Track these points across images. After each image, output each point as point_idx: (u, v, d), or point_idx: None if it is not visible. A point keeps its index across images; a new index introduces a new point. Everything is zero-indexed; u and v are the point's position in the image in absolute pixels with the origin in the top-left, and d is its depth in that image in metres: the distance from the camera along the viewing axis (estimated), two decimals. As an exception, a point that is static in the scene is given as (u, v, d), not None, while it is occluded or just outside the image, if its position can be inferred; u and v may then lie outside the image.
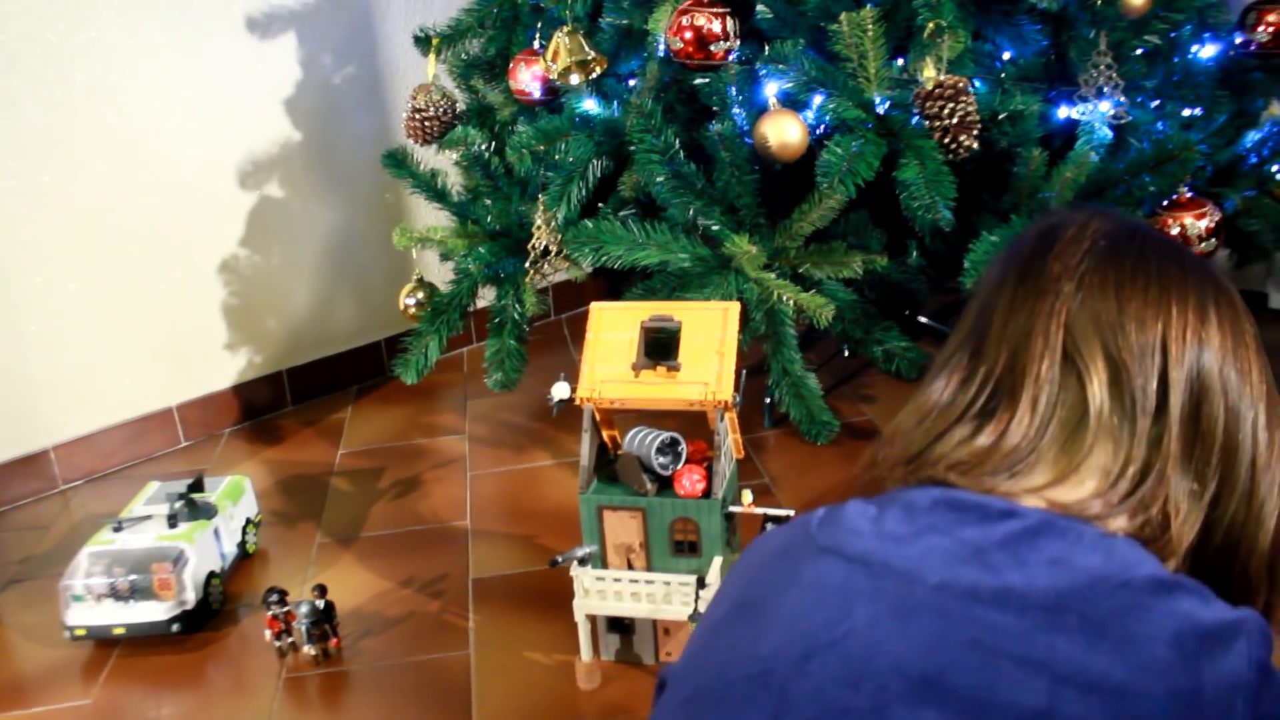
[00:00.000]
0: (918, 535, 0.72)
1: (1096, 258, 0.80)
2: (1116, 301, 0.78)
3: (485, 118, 2.19)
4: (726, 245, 1.80)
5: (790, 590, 0.74)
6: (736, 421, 1.58)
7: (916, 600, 0.69)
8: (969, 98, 1.73)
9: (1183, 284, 0.80)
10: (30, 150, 2.27)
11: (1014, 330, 0.80)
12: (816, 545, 0.75)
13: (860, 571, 0.72)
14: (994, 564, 0.69)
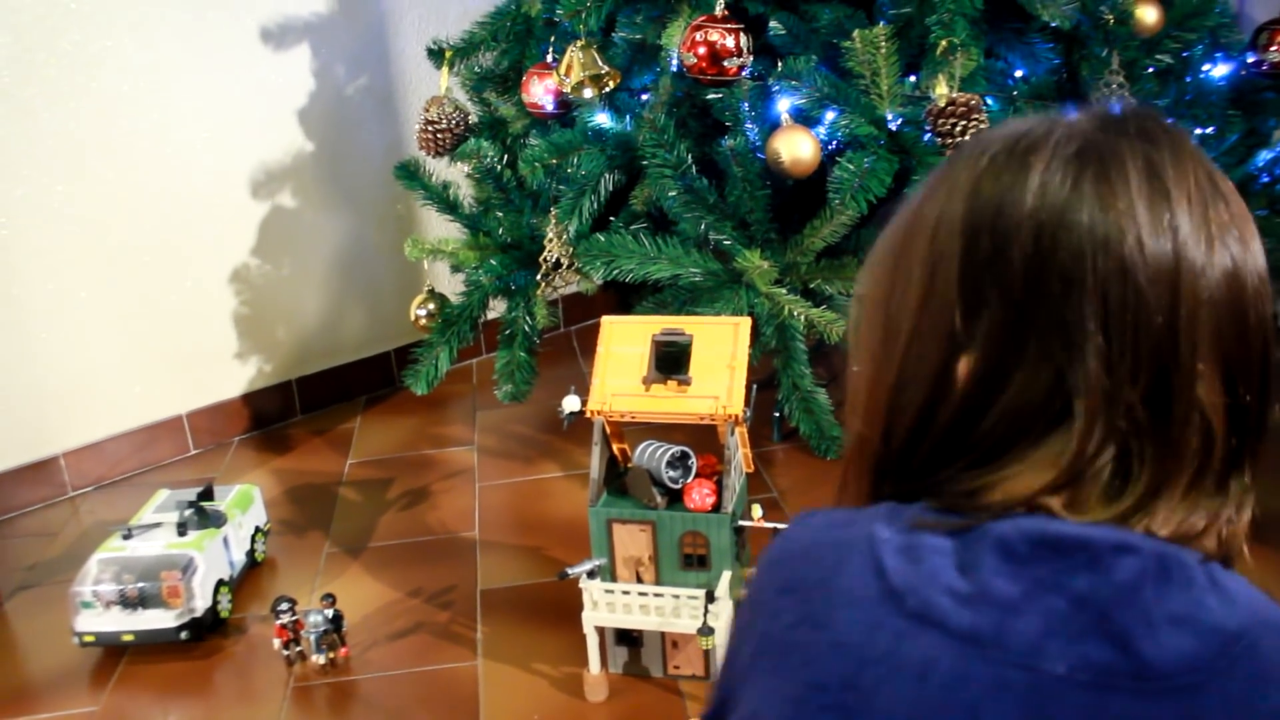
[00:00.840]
0: (1029, 597, 0.57)
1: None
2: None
3: (497, 130, 2.20)
4: (738, 260, 1.81)
5: (892, 679, 0.57)
6: (747, 436, 1.58)
7: (1047, 693, 0.55)
8: (981, 115, 1.74)
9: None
10: (43, 159, 2.28)
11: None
12: (906, 608, 0.58)
13: (974, 656, 0.56)
14: (1120, 629, 0.56)
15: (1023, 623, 0.56)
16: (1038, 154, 0.62)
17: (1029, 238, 0.60)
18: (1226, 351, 0.60)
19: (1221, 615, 0.57)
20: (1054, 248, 0.59)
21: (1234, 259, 0.61)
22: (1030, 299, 0.60)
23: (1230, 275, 0.61)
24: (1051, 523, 0.59)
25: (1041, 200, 0.60)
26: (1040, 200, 0.60)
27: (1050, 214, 0.60)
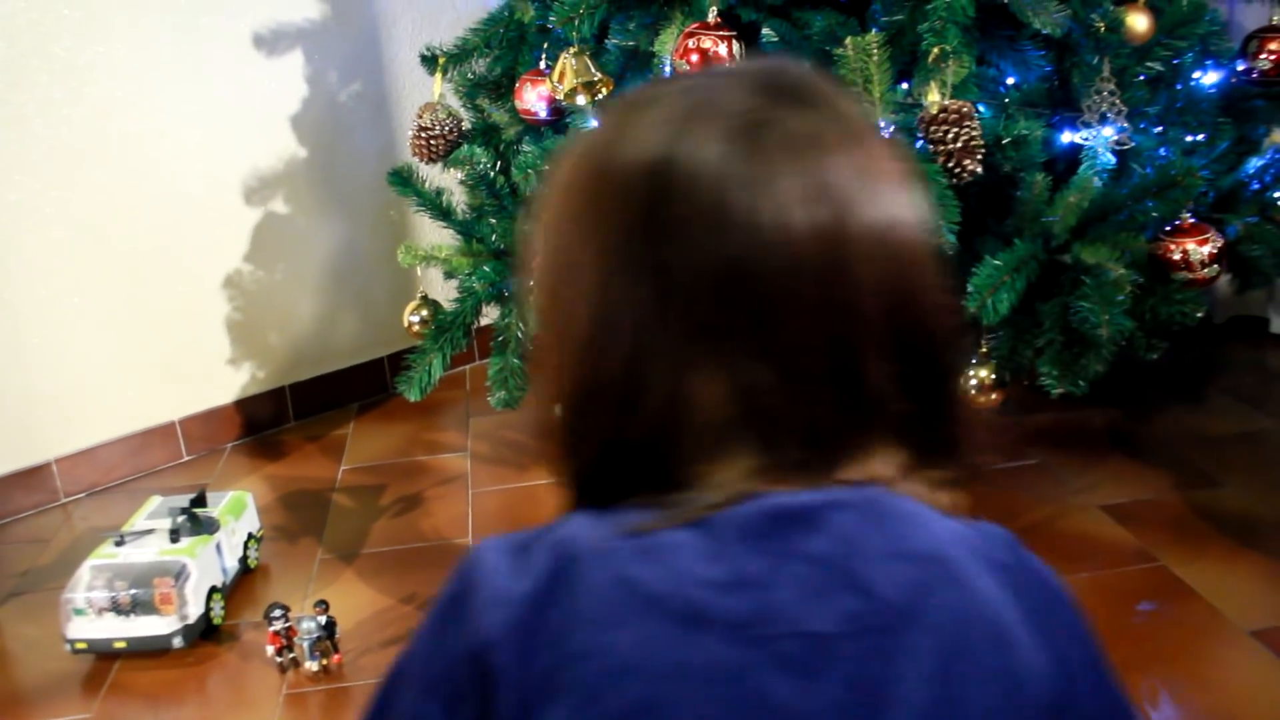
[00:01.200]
0: (777, 570, 0.59)
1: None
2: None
3: (490, 137, 2.20)
4: (731, 266, 1.81)
5: (683, 689, 0.57)
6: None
7: (825, 654, 0.58)
8: (973, 122, 1.74)
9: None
10: (36, 164, 2.28)
11: None
12: (671, 611, 0.58)
13: (748, 640, 0.57)
14: (857, 578, 0.59)
15: (780, 594, 0.58)
16: (698, 123, 0.61)
17: (692, 230, 0.60)
18: (895, 319, 0.62)
19: (929, 541, 0.61)
20: (716, 239, 0.59)
21: (896, 229, 0.62)
22: (697, 294, 0.60)
23: (893, 242, 0.62)
24: (771, 497, 0.60)
25: (698, 190, 0.60)
26: (700, 187, 0.60)
27: (706, 209, 0.59)
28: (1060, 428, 2.37)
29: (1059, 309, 1.80)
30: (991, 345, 1.88)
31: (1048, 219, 1.81)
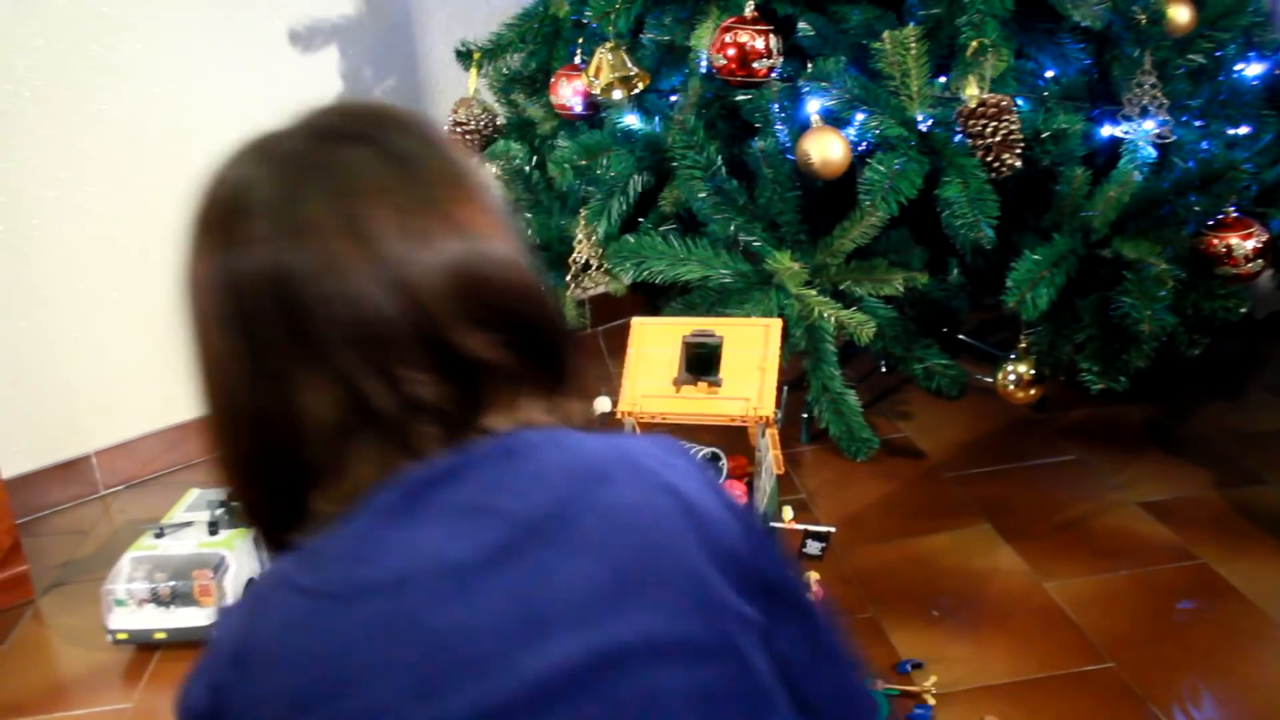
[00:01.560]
0: (438, 524, 0.67)
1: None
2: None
3: (525, 132, 2.21)
4: (768, 262, 1.81)
5: (366, 656, 0.64)
6: (777, 437, 1.58)
7: (474, 585, 0.65)
8: (1012, 116, 1.73)
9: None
10: (75, 160, 2.30)
11: None
12: (351, 603, 0.65)
13: (400, 596, 0.65)
14: (501, 512, 0.68)
15: (427, 547, 0.65)
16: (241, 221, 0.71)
17: (264, 289, 0.68)
18: (480, 316, 0.68)
19: (569, 460, 0.69)
20: (287, 292, 0.67)
21: (449, 249, 0.68)
22: (289, 336, 0.67)
23: (451, 263, 0.68)
24: (416, 470, 0.67)
25: (256, 255, 0.69)
26: (257, 254, 0.69)
27: (270, 265, 0.68)
28: (1097, 423, 2.35)
29: (1099, 304, 1.78)
30: (1030, 340, 1.87)
31: (1087, 213, 1.80)
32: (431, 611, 0.63)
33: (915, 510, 2.08)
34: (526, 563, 0.64)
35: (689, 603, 0.66)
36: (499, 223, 0.72)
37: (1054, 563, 1.87)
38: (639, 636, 0.65)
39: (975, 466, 2.22)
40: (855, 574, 1.88)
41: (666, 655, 0.65)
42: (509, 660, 0.63)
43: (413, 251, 0.67)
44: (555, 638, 0.63)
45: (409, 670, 0.62)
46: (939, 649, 1.67)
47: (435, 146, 0.73)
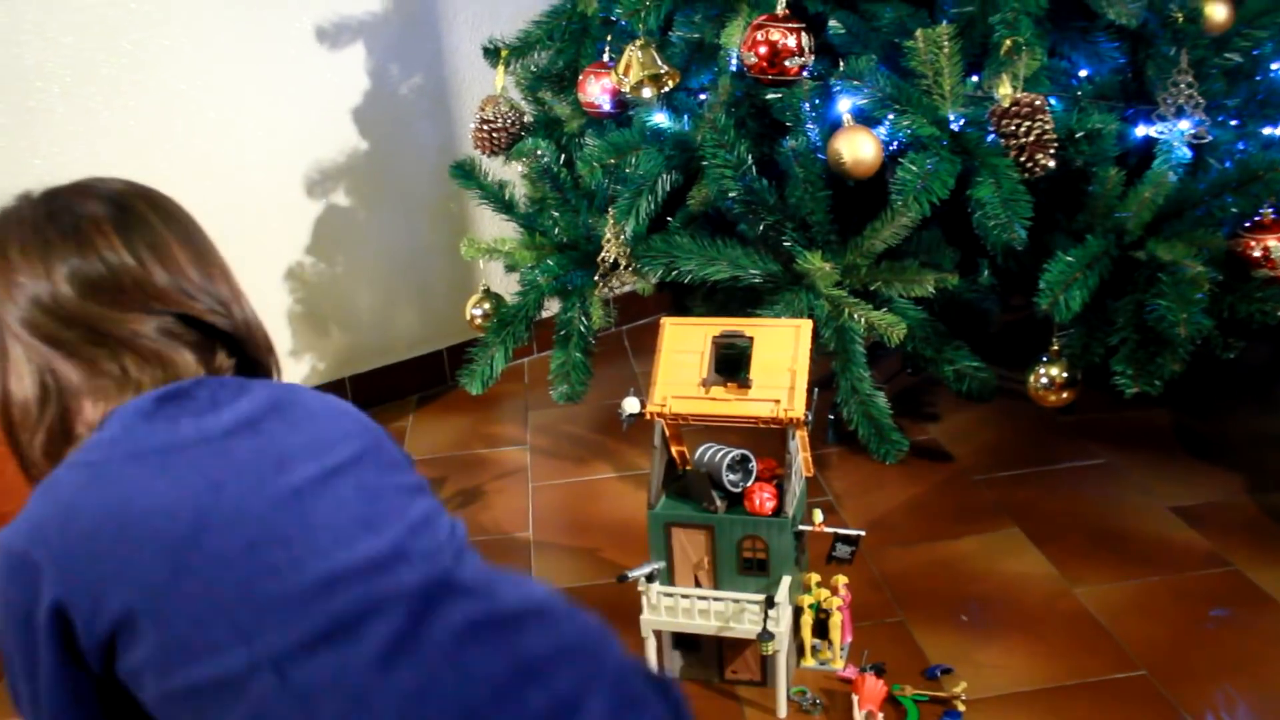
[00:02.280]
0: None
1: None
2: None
3: (552, 130, 2.20)
4: (799, 262, 1.79)
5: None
6: (807, 439, 1.56)
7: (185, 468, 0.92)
8: (1046, 116, 1.71)
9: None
10: (103, 156, 2.30)
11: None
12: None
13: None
14: (203, 418, 0.95)
15: (189, 427, 0.93)
16: None
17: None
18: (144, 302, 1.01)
19: (261, 389, 0.99)
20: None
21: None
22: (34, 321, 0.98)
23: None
24: (132, 401, 0.95)
25: None
26: None
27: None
28: (1126, 426, 2.33)
29: (1133, 307, 1.76)
30: (1063, 343, 1.85)
31: (1121, 215, 1.78)
32: (202, 463, 0.90)
33: (943, 513, 2.06)
34: (264, 431, 0.94)
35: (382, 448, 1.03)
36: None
37: (1084, 568, 1.85)
38: (352, 454, 0.97)
39: (1003, 470, 2.20)
40: (883, 577, 1.87)
41: (373, 463, 0.99)
42: (268, 482, 0.90)
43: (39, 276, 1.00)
44: (298, 466, 0.92)
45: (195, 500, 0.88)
46: (968, 654, 1.66)
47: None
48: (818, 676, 1.64)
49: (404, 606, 0.87)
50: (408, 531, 0.93)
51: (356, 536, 0.90)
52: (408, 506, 0.97)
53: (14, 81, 2.18)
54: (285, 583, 0.86)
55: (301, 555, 0.87)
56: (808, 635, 1.64)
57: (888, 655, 1.67)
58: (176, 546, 0.85)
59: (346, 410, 1.04)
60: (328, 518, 0.90)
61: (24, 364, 0.97)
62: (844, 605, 1.64)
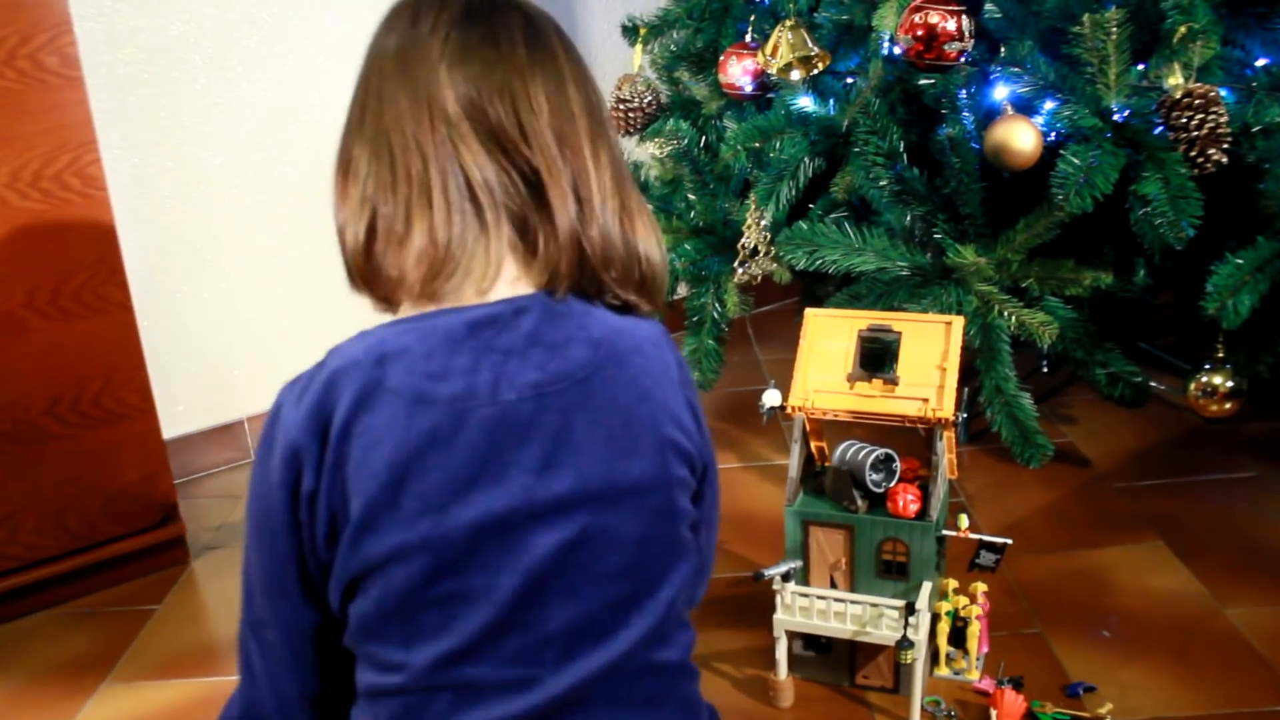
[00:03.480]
0: (477, 361, 0.86)
1: (458, 41, 0.90)
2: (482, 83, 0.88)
3: (689, 111, 2.15)
4: (951, 255, 1.72)
5: (422, 450, 0.85)
6: (955, 441, 1.50)
7: (510, 413, 0.85)
8: (1220, 108, 1.62)
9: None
10: (241, 127, 2.32)
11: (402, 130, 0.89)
12: (404, 397, 0.85)
13: (460, 410, 0.85)
14: (537, 359, 0.87)
15: (480, 377, 0.85)
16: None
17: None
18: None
19: (591, 331, 0.88)
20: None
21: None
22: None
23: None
24: (466, 310, 0.87)
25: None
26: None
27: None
28: (1277, 437, 2.21)
29: (1307, 314, 1.66)
30: (1228, 350, 1.75)
31: (1297, 215, 1.68)
32: (477, 433, 0.84)
33: (1082, 521, 1.98)
34: (553, 410, 0.85)
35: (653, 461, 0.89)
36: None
37: (1235, 587, 1.75)
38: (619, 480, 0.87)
39: (1145, 478, 2.10)
40: (1020, 586, 1.80)
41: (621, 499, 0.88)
42: (510, 477, 0.84)
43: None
44: (560, 472, 0.85)
45: (459, 459, 0.84)
46: (1111, 673, 1.58)
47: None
48: (951, 686, 1.58)
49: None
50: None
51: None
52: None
53: (159, 52, 2.21)
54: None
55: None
56: (943, 643, 1.58)
57: (1025, 669, 1.60)
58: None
59: (652, 395, 0.93)
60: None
61: None
62: (982, 614, 1.58)
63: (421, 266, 0.86)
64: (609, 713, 0.89)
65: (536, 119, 0.88)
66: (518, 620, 0.85)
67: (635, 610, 0.89)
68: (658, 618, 0.91)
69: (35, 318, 1.81)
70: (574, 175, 0.88)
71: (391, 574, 0.84)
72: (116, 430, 1.92)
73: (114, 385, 1.90)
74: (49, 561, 1.91)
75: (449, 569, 0.84)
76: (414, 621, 0.85)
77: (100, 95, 2.10)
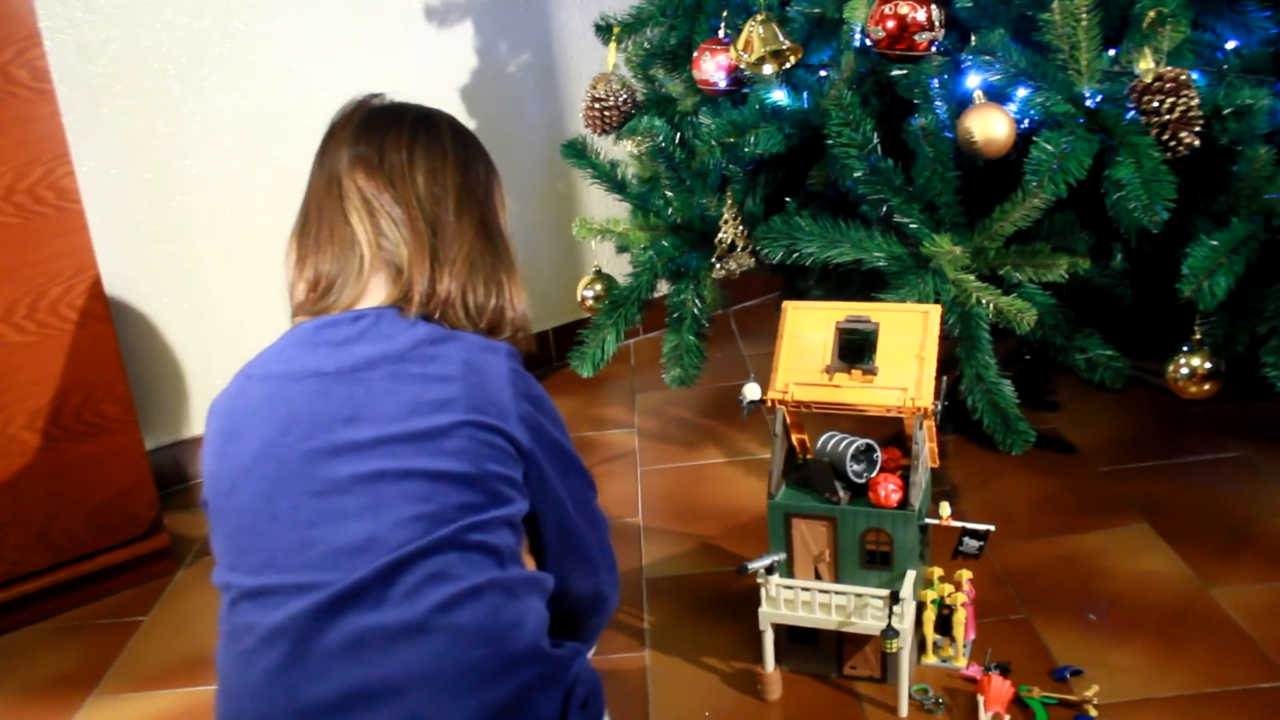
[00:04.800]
0: (316, 346, 1.14)
1: (357, 128, 1.23)
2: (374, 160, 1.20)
3: (665, 108, 2.15)
4: (926, 245, 1.73)
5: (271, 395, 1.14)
6: (935, 430, 1.51)
7: (330, 381, 1.11)
8: (1191, 91, 1.62)
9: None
10: (216, 137, 2.32)
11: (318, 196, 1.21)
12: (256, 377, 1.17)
13: (305, 382, 1.12)
14: (351, 348, 1.12)
15: (312, 357, 1.13)
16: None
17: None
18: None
19: (418, 333, 1.13)
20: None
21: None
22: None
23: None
24: (321, 318, 1.17)
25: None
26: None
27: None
28: (1261, 418, 2.22)
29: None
30: (1205, 332, 1.75)
31: (1270, 196, 1.68)
32: (298, 396, 1.11)
33: (1067, 507, 1.99)
34: (366, 379, 1.10)
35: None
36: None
37: (1220, 568, 1.76)
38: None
39: (1130, 461, 2.11)
40: (1006, 573, 1.80)
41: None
42: (332, 430, 1.08)
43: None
44: (361, 425, 1.08)
45: (278, 419, 1.10)
46: (1097, 656, 1.59)
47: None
48: (939, 674, 1.59)
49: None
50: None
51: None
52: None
53: (132, 63, 2.20)
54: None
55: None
56: (930, 631, 1.59)
57: (1012, 654, 1.61)
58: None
59: (490, 379, 1.16)
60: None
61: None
62: (968, 601, 1.58)
63: (311, 294, 1.18)
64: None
65: (412, 187, 1.17)
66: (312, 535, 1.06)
67: (426, 532, 1.05)
68: (441, 538, 1.05)
69: (13, 332, 1.81)
70: (434, 232, 1.17)
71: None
72: (98, 443, 1.92)
73: (94, 398, 1.90)
74: (33, 576, 1.91)
75: (263, 498, 1.08)
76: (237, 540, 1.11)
77: (74, 107, 2.10)
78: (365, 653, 1.00)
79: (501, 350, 1.16)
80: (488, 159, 1.30)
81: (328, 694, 1.00)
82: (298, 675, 1.00)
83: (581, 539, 1.27)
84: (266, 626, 1.03)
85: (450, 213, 1.19)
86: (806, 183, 1.89)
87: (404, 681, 0.99)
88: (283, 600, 1.03)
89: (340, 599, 1.01)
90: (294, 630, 1.01)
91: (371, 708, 0.99)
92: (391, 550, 1.02)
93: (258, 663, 1.02)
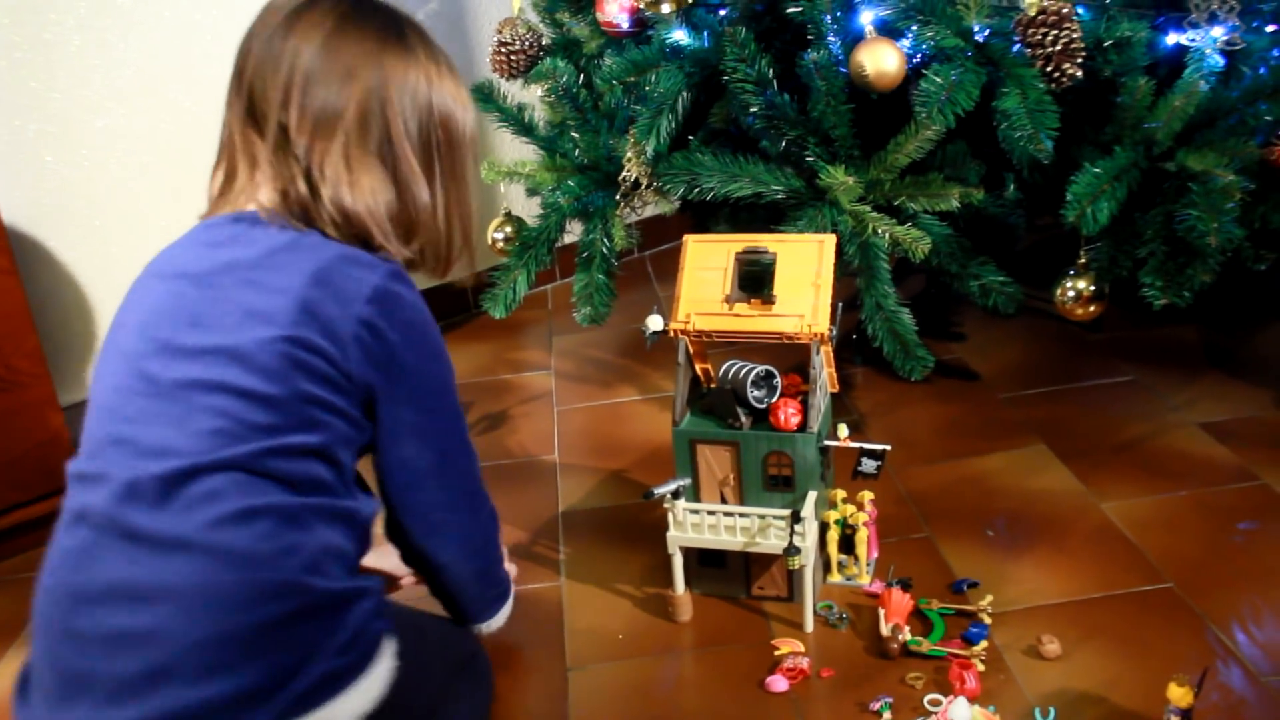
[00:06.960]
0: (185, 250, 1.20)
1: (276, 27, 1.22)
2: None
3: (571, 51, 2.17)
4: (822, 177, 1.77)
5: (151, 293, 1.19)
6: (832, 355, 1.56)
7: (204, 283, 1.14)
8: (1073, 24, 1.68)
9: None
10: (122, 90, 2.29)
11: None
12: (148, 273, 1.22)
13: (168, 280, 1.18)
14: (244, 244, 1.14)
15: (189, 256, 1.19)
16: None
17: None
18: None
19: (282, 238, 1.15)
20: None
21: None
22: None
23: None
24: (208, 220, 1.22)
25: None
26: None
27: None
28: (1154, 343, 2.31)
29: (1162, 218, 1.74)
30: (1090, 256, 1.82)
31: (1150, 125, 1.75)
32: (161, 295, 1.16)
33: (969, 431, 2.06)
34: (238, 279, 1.11)
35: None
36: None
37: (1111, 483, 1.85)
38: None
39: (1030, 387, 2.19)
40: (909, 494, 1.87)
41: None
42: (176, 332, 1.11)
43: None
44: (196, 333, 1.10)
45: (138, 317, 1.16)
46: (994, 569, 1.67)
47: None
48: (844, 592, 1.65)
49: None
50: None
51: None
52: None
53: (30, 14, 2.17)
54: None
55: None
56: (834, 551, 1.65)
57: (914, 571, 1.67)
58: None
59: (345, 286, 1.15)
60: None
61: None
62: (870, 521, 1.65)
63: (215, 192, 1.22)
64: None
65: (304, 97, 1.16)
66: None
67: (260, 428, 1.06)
68: (230, 457, 1.04)
69: (-84, 287, 1.79)
70: (312, 139, 1.15)
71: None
72: (11, 397, 1.91)
73: (4, 352, 1.89)
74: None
75: (110, 391, 1.12)
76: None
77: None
78: (138, 553, 1.01)
79: (379, 268, 1.13)
80: (392, 67, 1.23)
81: (98, 582, 1.01)
82: (83, 559, 1.03)
83: (422, 479, 1.22)
84: (71, 509, 1.07)
85: (332, 117, 1.15)
86: (708, 120, 1.93)
87: (155, 591, 0.99)
88: (89, 487, 1.06)
89: (126, 496, 1.02)
90: (92, 517, 1.04)
91: (130, 609, 1.00)
92: (180, 459, 1.02)
93: (61, 540, 1.06)
